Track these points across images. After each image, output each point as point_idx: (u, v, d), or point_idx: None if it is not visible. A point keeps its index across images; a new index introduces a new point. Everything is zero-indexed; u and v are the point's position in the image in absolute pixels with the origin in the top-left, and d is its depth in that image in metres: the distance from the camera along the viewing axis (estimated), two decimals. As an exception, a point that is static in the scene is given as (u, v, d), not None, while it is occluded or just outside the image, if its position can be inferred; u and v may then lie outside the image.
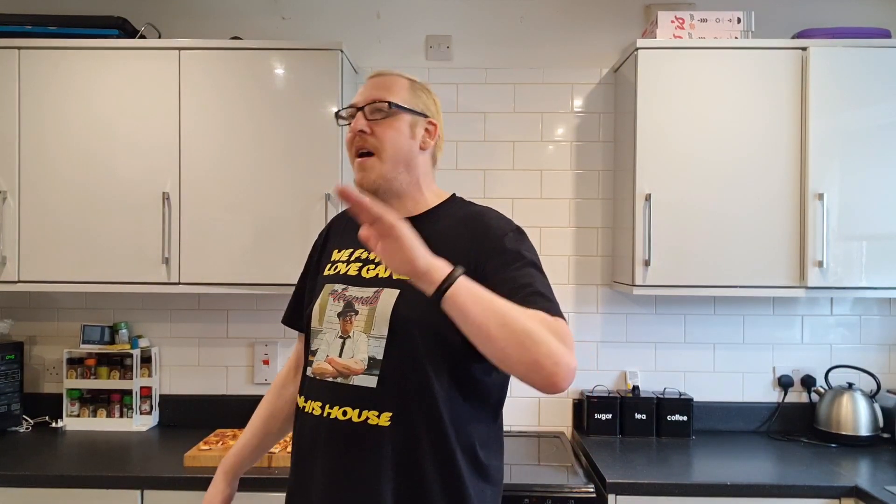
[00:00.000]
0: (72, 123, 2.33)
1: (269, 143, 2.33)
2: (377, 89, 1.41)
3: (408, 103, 1.41)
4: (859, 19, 2.64)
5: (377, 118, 1.38)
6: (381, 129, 1.38)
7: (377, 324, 1.30)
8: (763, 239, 2.30)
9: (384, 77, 1.44)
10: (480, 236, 1.33)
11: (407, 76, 1.45)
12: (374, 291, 1.33)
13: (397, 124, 1.39)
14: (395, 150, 1.38)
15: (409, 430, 1.27)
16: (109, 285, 2.34)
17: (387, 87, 1.41)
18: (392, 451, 1.27)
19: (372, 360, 1.29)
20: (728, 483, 2.03)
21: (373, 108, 1.39)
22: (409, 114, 1.40)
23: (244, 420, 2.55)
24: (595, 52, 2.70)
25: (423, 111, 1.43)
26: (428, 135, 1.43)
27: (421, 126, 1.42)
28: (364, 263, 1.39)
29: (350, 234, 1.47)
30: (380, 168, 1.37)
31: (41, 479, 2.07)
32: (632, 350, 2.68)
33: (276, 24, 2.71)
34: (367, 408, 1.28)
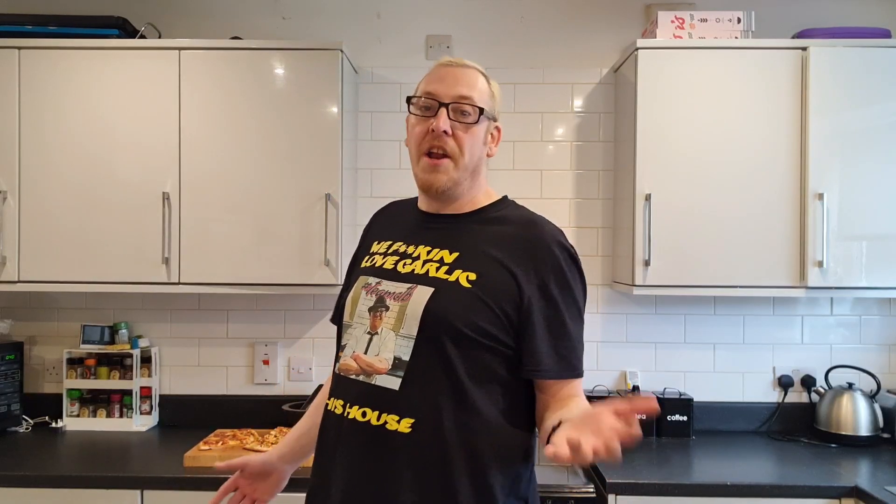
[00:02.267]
0: (72, 123, 2.33)
1: (270, 143, 2.33)
2: (462, 86, 1.30)
3: (487, 107, 1.32)
4: (859, 19, 2.64)
5: (465, 122, 1.29)
6: (463, 134, 1.29)
7: (407, 322, 1.23)
8: (763, 239, 2.30)
9: (466, 71, 1.32)
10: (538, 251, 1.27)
11: (482, 70, 1.36)
12: (408, 288, 1.26)
13: (479, 131, 1.31)
14: (471, 158, 1.31)
15: (433, 439, 1.19)
16: (109, 285, 2.34)
17: (472, 86, 1.30)
18: (411, 461, 1.19)
19: (398, 360, 1.22)
20: (728, 483, 2.03)
21: (459, 110, 1.29)
22: (490, 120, 1.34)
23: (244, 420, 2.57)
24: (595, 52, 2.70)
25: (496, 116, 1.36)
26: (493, 140, 1.37)
27: (490, 131, 1.36)
28: (402, 257, 1.31)
29: (392, 226, 1.43)
30: (453, 174, 1.30)
31: (41, 479, 2.07)
32: (632, 350, 2.68)
33: (276, 24, 2.71)
34: (387, 411, 1.20)
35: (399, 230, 1.40)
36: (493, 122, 1.36)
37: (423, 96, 1.31)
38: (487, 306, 1.22)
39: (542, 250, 1.26)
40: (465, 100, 1.29)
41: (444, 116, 1.28)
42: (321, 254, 2.32)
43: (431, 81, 1.32)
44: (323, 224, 2.32)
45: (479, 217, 1.34)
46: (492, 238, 1.28)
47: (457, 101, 1.28)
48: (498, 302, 1.22)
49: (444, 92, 1.29)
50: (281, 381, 2.69)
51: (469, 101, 1.29)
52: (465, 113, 1.29)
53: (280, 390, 2.68)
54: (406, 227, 1.39)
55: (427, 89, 1.31)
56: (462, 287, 1.23)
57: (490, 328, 1.21)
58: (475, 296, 1.22)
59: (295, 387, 2.67)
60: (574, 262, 1.29)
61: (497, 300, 1.22)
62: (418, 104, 1.33)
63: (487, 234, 1.29)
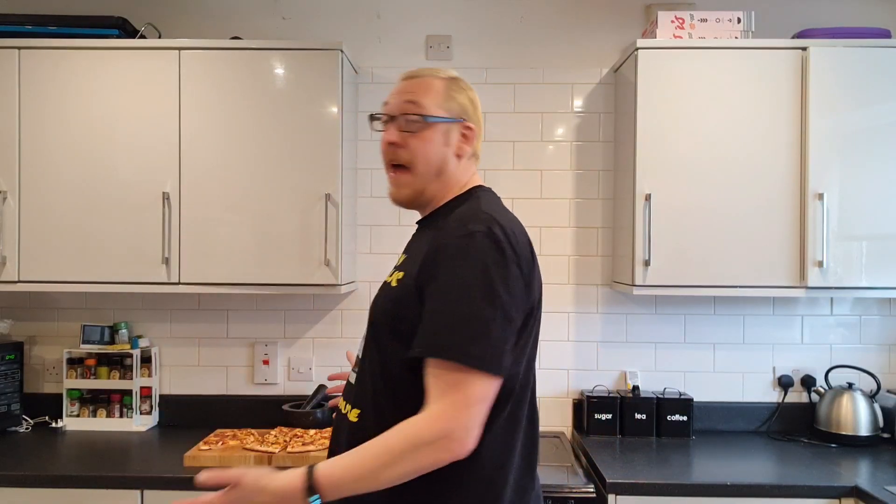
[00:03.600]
0: (72, 123, 2.33)
1: (270, 143, 2.33)
2: (410, 94, 1.35)
3: (442, 109, 1.35)
4: (859, 19, 2.64)
5: (410, 130, 1.33)
6: (414, 142, 1.33)
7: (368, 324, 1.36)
8: (763, 239, 2.30)
9: (417, 80, 1.38)
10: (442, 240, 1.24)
11: (442, 75, 1.39)
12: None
13: (430, 135, 1.34)
14: (428, 163, 1.34)
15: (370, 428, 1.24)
16: (109, 285, 2.34)
17: (420, 93, 1.35)
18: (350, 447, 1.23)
19: (358, 356, 1.37)
20: (728, 483, 2.03)
21: (405, 119, 1.34)
22: (441, 122, 1.35)
23: (244, 420, 2.57)
24: (595, 52, 2.70)
25: (460, 115, 1.37)
26: (464, 140, 1.38)
27: (456, 132, 1.37)
28: (395, 269, 1.38)
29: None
30: (412, 183, 1.35)
31: (41, 479, 2.07)
32: (632, 350, 2.68)
33: (276, 24, 2.71)
34: (348, 401, 1.35)
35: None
36: (459, 123, 1.37)
37: (380, 112, 1.40)
38: (404, 305, 1.26)
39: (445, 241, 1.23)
40: (410, 109, 1.34)
41: (391, 129, 1.35)
42: (321, 254, 2.32)
43: (389, 95, 1.40)
44: (323, 224, 2.32)
45: (434, 216, 1.39)
46: (430, 237, 1.30)
47: (403, 113, 1.34)
48: (409, 299, 1.25)
49: (393, 104, 1.37)
50: (281, 381, 2.69)
51: (414, 110, 1.34)
52: (411, 121, 1.34)
53: (280, 390, 2.68)
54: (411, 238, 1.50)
55: (383, 103, 1.40)
56: (391, 287, 1.32)
57: (405, 325, 1.24)
58: (396, 295, 1.29)
59: (295, 387, 2.67)
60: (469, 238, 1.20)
61: (406, 297, 1.25)
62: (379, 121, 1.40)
63: (430, 234, 1.32)
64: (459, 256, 1.20)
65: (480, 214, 1.25)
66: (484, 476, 1.24)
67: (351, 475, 1.16)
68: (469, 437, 1.15)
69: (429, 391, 1.17)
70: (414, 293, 1.24)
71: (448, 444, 1.13)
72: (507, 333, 1.19)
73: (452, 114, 1.36)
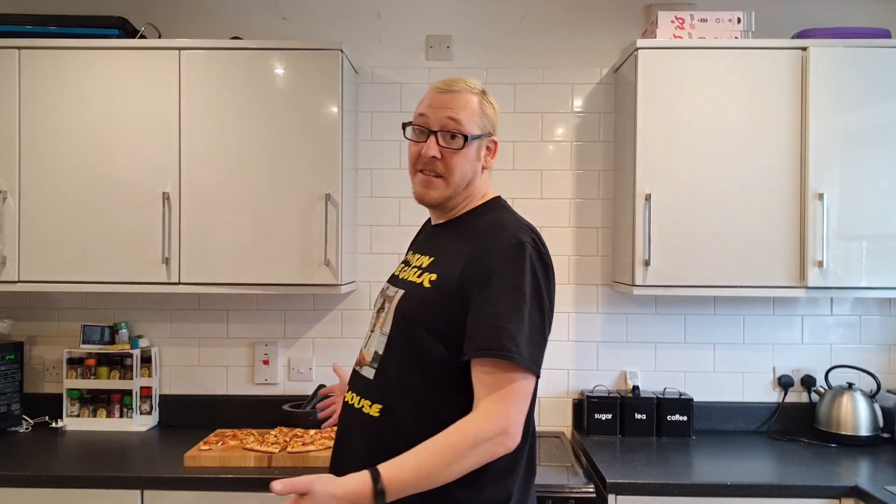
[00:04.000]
0: (72, 123, 2.33)
1: (270, 143, 2.33)
2: (450, 111, 1.40)
3: (477, 127, 1.42)
4: (859, 19, 2.64)
5: (451, 147, 1.40)
6: (452, 158, 1.40)
7: (387, 321, 1.40)
8: (763, 239, 2.30)
9: (455, 96, 1.42)
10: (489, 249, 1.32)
11: (475, 89, 1.44)
12: (396, 291, 1.44)
13: (468, 153, 1.41)
14: (462, 176, 1.42)
15: (394, 423, 1.32)
16: (109, 285, 2.34)
17: (460, 111, 1.40)
18: (377, 442, 1.32)
19: (376, 353, 1.40)
20: (728, 483, 2.03)
21: (447, 136, 1.40)
22: (477, 139, 1.42)
23: (244, 420, 2.58)
24: (595, 52, 2.70)
25: (490, 130, 1.45)
26: (489, 153, 1.47)
27: (483, 146, 1.45)
28: (406, 265, 1.48)
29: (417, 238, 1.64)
30: (444, 191, 1.43)
31: (41, 479, 2.07)
32: (632, 350, 2.68)
33: (276, 24, 2.71)
34: (366, 397, 1.39)
35: (420, 242, 1.60)
36: (488, 138, 1.45)
37: (416, 122, 1.45)
38: (441, 306, 1.33)
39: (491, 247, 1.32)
40: (452, 126, 1.40)
41: (432, 143, 1.40)
42: (321, 254, 2.32)
43: (424, 107, 1.44)
44: (323, 224, 2.32)
45: (460, 222, 1.46)
46: (461, 242, 1.39)
47: (444, 129, 1.40)
48: (448, 301, 1.32)
49: (433, 118, 1.41)
50: (281, 381, 2.69)
51: (456, 128, 1.40)
52: (453, 137, 1.40)
53: (280, 390, 2.68)
54: (421, 238, 1.61)
55: (419, 114, 1.44)
56: (424, 288, 1.37)
57: (442, 325, 1.32)
58: (432, 296, 1.35)
59: (295, 387, 2.67)
60: (520, 249, 1.30)
61: (448, 299, 1.32)
62: (413, 129, 1.45)
63: (459, 239, 1.41)
64: (513, 264, 1.29)
65: (523, 225, 1.37)
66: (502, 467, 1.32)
67: (417, 475, 1.21)
68: (519, 432, 1.25)
69: (481, 389, 1.25)
70: (456, 295, 1.31)
71: (504, 439, 1.23)
72: (541, 335, 1.30)
73: (485, 130, 1.44)
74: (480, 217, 1.44)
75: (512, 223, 1.38)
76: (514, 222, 1.38)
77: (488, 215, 1.43)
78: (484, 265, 1.30)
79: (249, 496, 2.03)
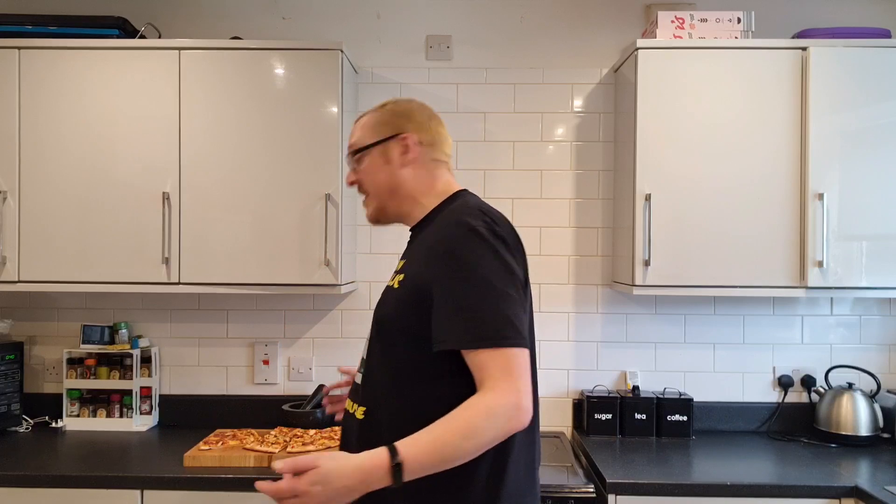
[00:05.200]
0: (72, 123, 2.33)
1: (270, 143, 2.33)
2: (351, 138, 1.54)
3: (370, 138, 1.49)
4: (859, 19, 2.64)
5: (355, 167, 1.52)
6: (361, 174, 1.51)
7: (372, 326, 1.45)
8: (763, 239, 2.30)
9: (354, 126, 1.55)
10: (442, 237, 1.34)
11: (372, 109, 1.53)
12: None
13: (368, 162, 1.49)
14: (376, 186, 1.50)
15: (375, 425, 1.36)
16: (109, 285, 2.34)
17: (355, 132, 1.53)
18: (361, 443, 1.34)
19: (363, 359, 1.46)
20: (728, 483, 2.03)
21: (351, 159, 1.54)
22: (374, 147, 1.49)
23: (244, 420, 2.58)
24: (595, 52, 2.70)
25: (392, 133, 1.48)
26: (405, 150, 1.48)
27: (393, 148, 1.48)
28: (396, 273, 1.47)
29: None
30: (372, 204, 1.52)
31: (41, 479, 2.07)
32: (632, 350, 2.68)
33: (276, 24, 2.71)
34: (355, 401, 1.44)
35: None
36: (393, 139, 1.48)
37: None
38: (407, 303, 1.35)
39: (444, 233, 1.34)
40: (351, 149, 1.53)
41: (349, 171, 1.55)
42: (321, 254, 2.32)
43: None
44: (323, 224, 2.32)
45: (426, 223, 1.48)
46: (424, 239, 1.42)
47: (349, 155, 1.54)
48: (413, 297, 1.34)
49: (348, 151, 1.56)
50: (281, 381, 2.69)
51: (353, 148, 1.53)
52: (353, 159, 1.53)
53: (280, 390, 2.68)
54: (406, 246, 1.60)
55: None
56: (393, 290, 1.41)
57: (412, 322, 1.33)
58: (400, 296, 1.38)
59: (295, 387, 2.68)
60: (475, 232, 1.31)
61: (413, 296, 1.34)
62: None
63: (422, 237, 1.44)
64: (467, 250, 1.29)
65: (472, 210, 1.36)
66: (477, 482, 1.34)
67: (434, 449, 1.21)
68: (530, 406, 1.27)
69: (482, 375, 1.26)
70: (419, 290, 1.33)
71: (518, 414, 1.25)
72: (518, 308, 1.30)
73: (383, 135, 1.49)
74: (439, 214, 1.46)
75: (462, 211, 1.37)
76: (464, 210, 1.37)
77: (446, 210, 1.44)
78: (439, 256, 1.31)
79: (249, 496, 2.03)
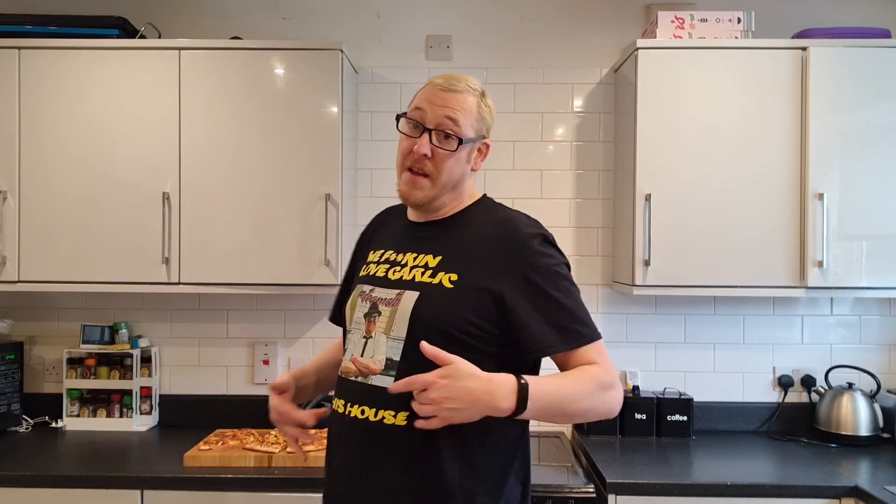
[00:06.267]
0: (72, 123, 2.33)
1: (270, 143, 2.33)
2: (449, 110, 1.38)
3: (473, 130, 1.40)
4: (859, 19, 2.64)
5: (444, 148, 1.38)
6: (443, 159, 1.38)
7: (397, 325, 1.33)
8: (763, 239, 2.30)
9: (456, 96, 1.39)
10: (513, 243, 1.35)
11: (475, 91, 1.42)
12: (397, 293, 1.36)
13: (460, 155, 1.39)
14: (450, 178, 1.40)
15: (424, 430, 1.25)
16: (109, 285, 2.34)
17: (458, 110, 1.38)
18: (409, 449, 1.30)
19: (390, 360, 1.32)
20: (728, 483, 2.03)
21: (441, 135, 1.37)
22: (471, 143, 1.41)
23: (244, 420, 2.57)
24: (595, 52, 2.70)
25: (484, 133, 1.44)
26: (480, 155, 1.45)
27: (476, 148, 1.44)
28: (391, 265, 1.41)
29: (385, 235, 1.53)
30: (429, 191, 1.40)
31: (41, 479, 2.07)
32: (632, 350, 2.68)
33: (276, 24, 2.71)
34: (384, 407, 1.31)
35: (391, 239, 1.50)
36: (481, 140, 1.44)
37: (411, 115, 1.41)
38: (469, 303, 1.31)
39: (516, 241, 1.35)
40: (448, 127, 1.37)
41: (425, 141, 1.37)
42: (321, 254, 2.32)
43: (422, 101, 1.41)
44: (323, 224, 2.32)
45: (459, 221, 1.44)
46: (471, 239, 1.39)
47: (440, 128, 1.37)
48: (479, 298, 1.31)
49: (430, 115, 1.38)
50: (281, 381, 2.68)
51: (452, 129, 1.37)
52: (448, 138, 1.37)
53: (280, 390, 2.68)
54: (396, 235, 1.50)
55: (415, 107, 1.41)
56: (445, 288, 1.33)
57: (472, 325, 1.30)
58: (457, 295, 1.32)
59: (295, 387, 2.67)
60: (548, 242, 1.38)
61: (478, 296, 1.31)
62: (407, 122, 1.42)
63: (467, 236, 1.40)
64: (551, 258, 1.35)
65: (531, 220, 1.42)
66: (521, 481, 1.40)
67: (557, 391, 1.25)
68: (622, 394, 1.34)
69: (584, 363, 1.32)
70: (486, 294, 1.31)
71: (618, 394, 1.31)
72: None
73: (479, 133, 1.42)
74: (483, 215, 1.43)
75: (523, 219, 1.41)
76: (523, 218, 1.41)
77: (492, 213, 1.44)
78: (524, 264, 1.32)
79: (249, 496, 2.03)
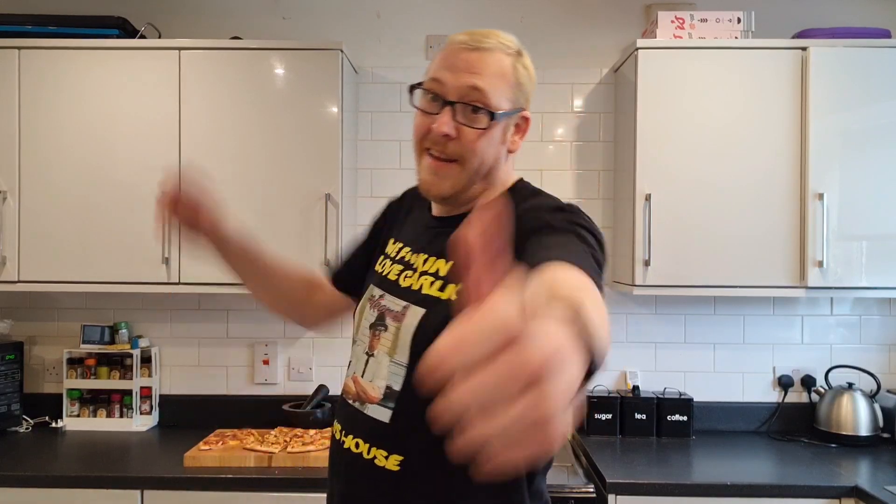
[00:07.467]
0: (72, 123, 2.33)
1: (270, 143, 2.33)
2: (475, 76, 1.08)
3: (509, 101, 1.11)
4: (859, 19, 2.64)
5: (472, 125, 1.08)
6: (472, 139, 1.09)
7: (400, 347, 1.12)
8: (763, 239, 2.30)
9: (484, 56, 1.09)
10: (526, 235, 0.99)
11: (510, 48, 1.13)
12: (404, 306, 1.14)
13: (493, 133, 1.11)
14: (482, 162, 1.12)
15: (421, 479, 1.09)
16: (109, 285, 2.34)
17: (487, 76, 1.08)
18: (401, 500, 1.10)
19: (389, 389, 1.12)
20: (728, 483, 2.03)
21: (467, 110, 1.08)
22: (507, 117, 1.12)
23: (244, 420, 2.57)
24: (595, 52, 2.70)
25: (523, 103, 1.15)
26: (518, 132, 1.17)
27: (513, 124, 1.16)
28: (405, 267, 1.19)
29: (406, 223, 1.29)
30: (457, 179, 1.12)
31: (41, 479, 2.07)
32: (632, 350, 2.68)
33: (276, 24, 2.71)
34: (377, 445, 1.12)
35: (411, 231, 1.27)
36: (518, 114, 1.16)
37: (427, 87, 1.12)
38: None
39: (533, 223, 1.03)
40: (475, 98, 1.08)
41: (446, 117, 1.08)
42: (321, 254, 2.32)
43: (441, 66, 1.11)
44: (323, 224, 2.32)
45: None
46: None
47: (465, 100, 1.08)
48: None
49: (451, 83, 1.09)
50: (281, 381, 2.68)
51: (480, 101, 1.08)
52: (475, 112, 1.08)
53: (280, 390, 2.68)
54: (416, 228, 1.26)
55: (434, 76, 1.11)
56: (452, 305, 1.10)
57: None
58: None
59: (295, 387, 2.67)
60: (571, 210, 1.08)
61: None
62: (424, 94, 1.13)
63: None
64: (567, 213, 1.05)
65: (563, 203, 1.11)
66: None
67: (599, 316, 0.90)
68: None
69: None
70: None
71: None
72: None
73: (516, 104, 1.14)
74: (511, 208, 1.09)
75: (553, 199, 1.12)
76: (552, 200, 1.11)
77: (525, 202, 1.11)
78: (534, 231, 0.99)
79: (249, 496, 2.03)
